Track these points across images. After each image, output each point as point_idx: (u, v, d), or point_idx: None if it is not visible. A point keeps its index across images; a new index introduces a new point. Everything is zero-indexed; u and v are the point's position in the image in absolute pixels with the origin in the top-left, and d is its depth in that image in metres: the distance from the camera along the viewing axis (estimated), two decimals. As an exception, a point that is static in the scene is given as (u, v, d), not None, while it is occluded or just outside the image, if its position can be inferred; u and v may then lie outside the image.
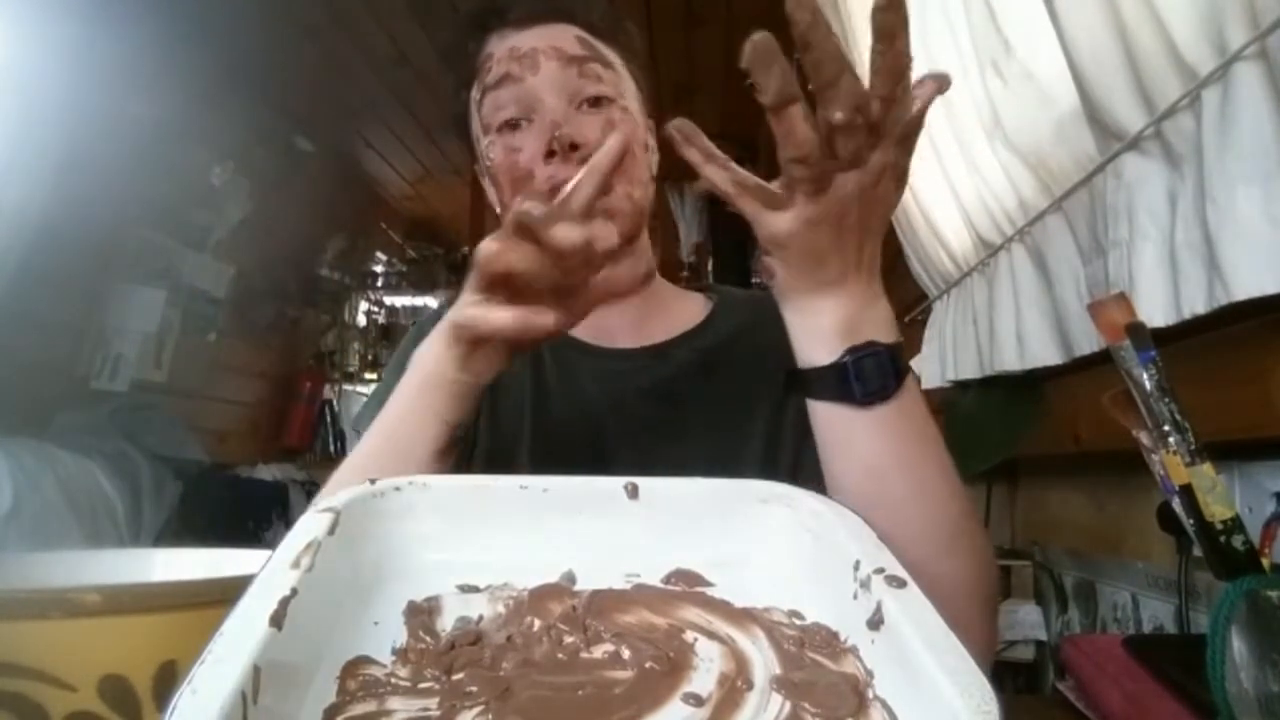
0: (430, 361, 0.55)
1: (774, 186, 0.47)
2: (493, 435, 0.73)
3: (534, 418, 0.73)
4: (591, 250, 0.49)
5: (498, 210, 0.73)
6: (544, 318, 0.50)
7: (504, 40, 0.69)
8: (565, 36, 0.68)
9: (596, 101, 0.67)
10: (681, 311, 0.78)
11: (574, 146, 0.64)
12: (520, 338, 0.51)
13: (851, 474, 0.55)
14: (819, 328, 0.53)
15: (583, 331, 0.74)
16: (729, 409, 0.72)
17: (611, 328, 0.75)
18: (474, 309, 0.51)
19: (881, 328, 0.53)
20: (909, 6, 0.42)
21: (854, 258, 0.51)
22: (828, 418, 0.55)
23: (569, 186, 0.51)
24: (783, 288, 0.53)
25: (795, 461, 0.70)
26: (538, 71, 0.67)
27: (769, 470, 0.69)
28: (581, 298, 0.53)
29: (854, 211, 0.48)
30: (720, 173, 0.48)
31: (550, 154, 0.65)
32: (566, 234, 0.48)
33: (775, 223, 0.48)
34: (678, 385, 0.73)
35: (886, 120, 0.44)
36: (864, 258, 0.51)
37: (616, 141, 0.53)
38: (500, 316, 0.50)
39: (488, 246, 0.49)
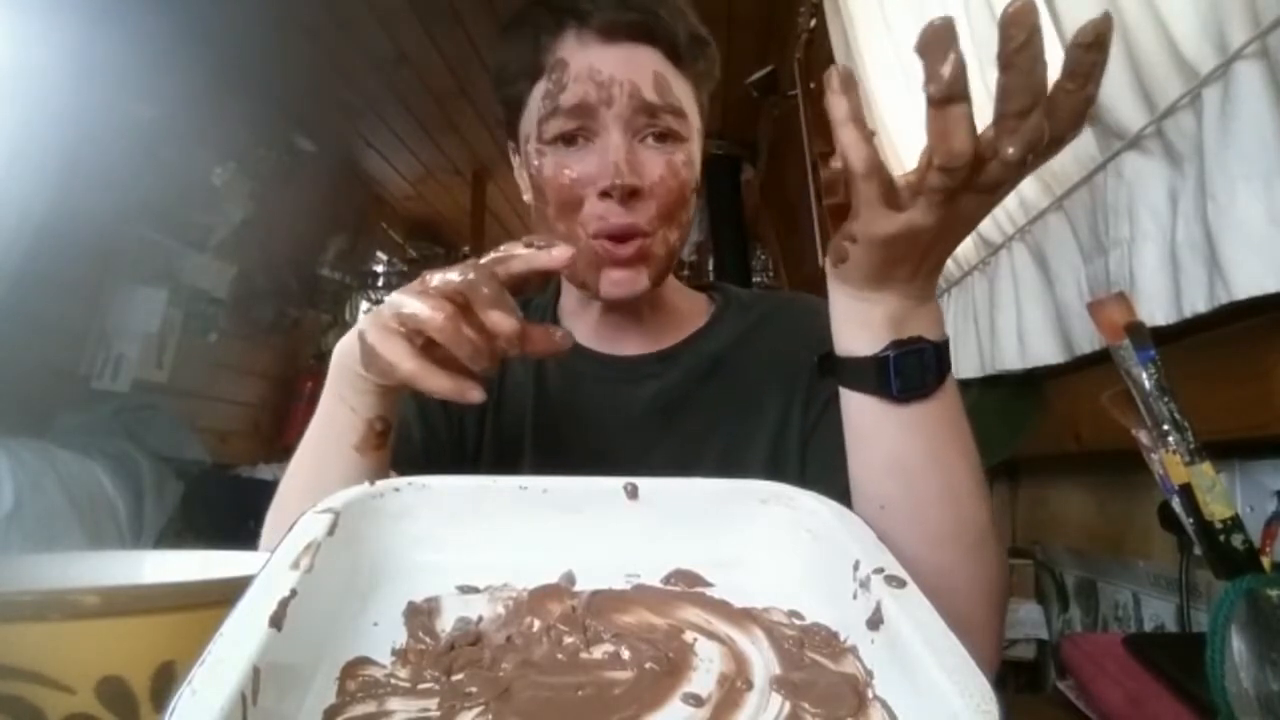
0: (345, 355, 0.55)
1: (899, 180, 0.44)
2: (495, 443, 0.72)
3: (535, 426, 0.72)
4: (521, 338, 0.48)
5: (526, 197, 0.72)
6: (473, 394, 0.48)
7: (584, 50, 0.65)
8: (645, 69, 0.64)
9: (663, 137, 0.65)
10: (687, 314, 0.77)
11: (633, 193, 0.63)
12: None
13: (876, 468, 0.54)
14: (867, 317, 0.51)
15: (590, 340, 0.74)
16: (735, 413, 0.71)
17: (619, 335, 0.74)
18: (391, 348, 0.49)
19: (930, 325, 0.52)
20: (909, 5, 0.41)
21: (932, 263, 0.49)
22: (860, 408, 0.54)
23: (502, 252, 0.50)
24: (847, 275, 0.51)
25: (801, 464, 0.69)
26: (611, 106, 0.64)
27: (775, 473, 0.68)
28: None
29: (962, 225, 0.47)
30: (860, 143, 0.42)
31: (605, 194, 0.63)
32: (501, 321, 0.46)
33: (884, 222, 0.45)
34: (684, 391, 0.72)
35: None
36: (940, 262, 0.50)
37: (558, 259, 0.50)
38: (437, 383, 0.48)
39: (412, 305, 0.47)
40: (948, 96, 0.39)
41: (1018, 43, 0.37)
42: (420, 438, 0.70)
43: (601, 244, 0.64)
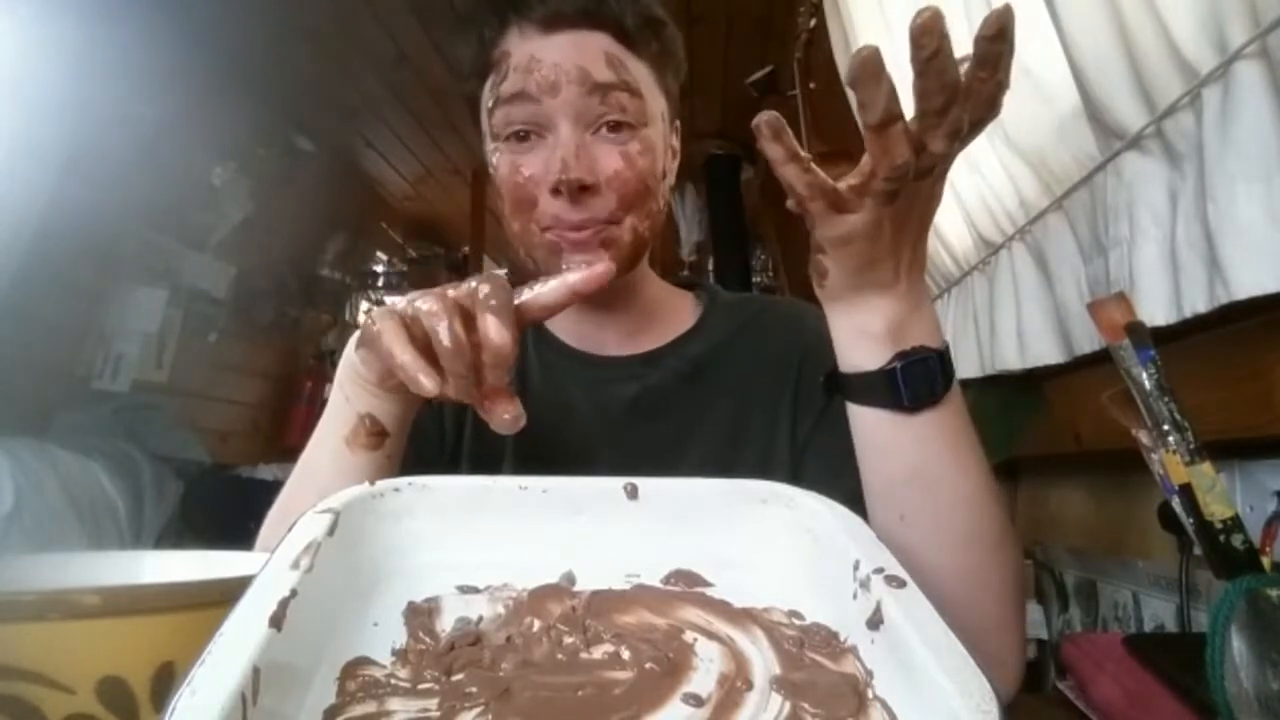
0: (351, 345, 0.55)
1: (842, 188, 0.46)
2: (477, 443, 0.72)
3: None
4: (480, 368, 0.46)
5: (502, 206, 0.72)
6: (426, 383, 0.45)
7: (525, 41, 0.63)
8: (592, 51, 0.62)
9: (617, 126, 0.63)
10: (672, 316, 0.76)
11: (583, 188, 0.61)
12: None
13: (894, 480, 0.54)
14: (867, 331, 0.52)
15: (572, 338, 0.74)
16: (718, 417, 0.71)
17: (602, 335, 0.74)
18: (389, 328, 0.47)
19: (929, 332, 0.53)
20: (909, 5, 0.42)
21: (907, 258, 0.50)
22: (872, 422, 0.54)
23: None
24: (833, 289, 0.52)
25: (793, 470, 0.69)
26: (556, 95, 0.61)
27: (760, 479, 0.68)
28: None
29: (915, 213, 0.48)
30: (800, 175, 0.45)
31: (555, 190, 0.62)
32: (491, 328, 0.45)
33: (840, 225, 0.47)
34: (666, 394, 0.72)
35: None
36: (915, 257, 0.51)
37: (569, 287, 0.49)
38: (410, 365, 0.46)
39: (422, 300, 0.46)
40: (887, 121, 0.42)
41: (929, 51, 0.39)
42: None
43: (558, 234, 0.63)
